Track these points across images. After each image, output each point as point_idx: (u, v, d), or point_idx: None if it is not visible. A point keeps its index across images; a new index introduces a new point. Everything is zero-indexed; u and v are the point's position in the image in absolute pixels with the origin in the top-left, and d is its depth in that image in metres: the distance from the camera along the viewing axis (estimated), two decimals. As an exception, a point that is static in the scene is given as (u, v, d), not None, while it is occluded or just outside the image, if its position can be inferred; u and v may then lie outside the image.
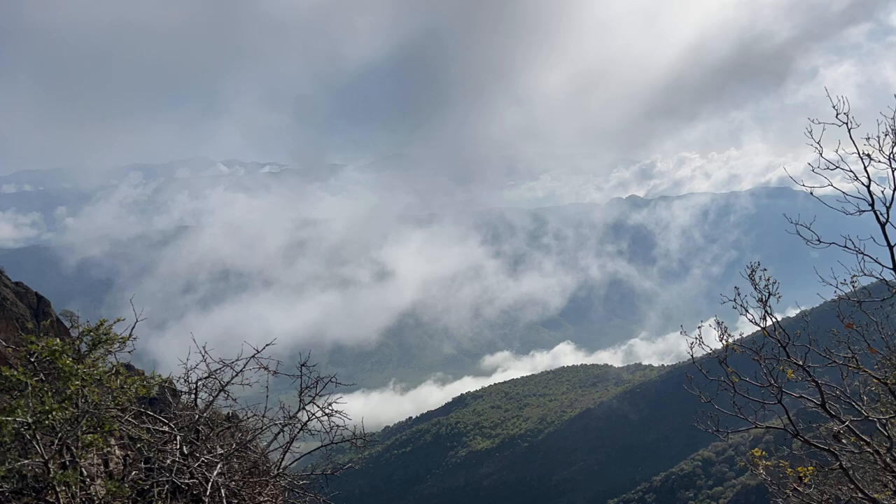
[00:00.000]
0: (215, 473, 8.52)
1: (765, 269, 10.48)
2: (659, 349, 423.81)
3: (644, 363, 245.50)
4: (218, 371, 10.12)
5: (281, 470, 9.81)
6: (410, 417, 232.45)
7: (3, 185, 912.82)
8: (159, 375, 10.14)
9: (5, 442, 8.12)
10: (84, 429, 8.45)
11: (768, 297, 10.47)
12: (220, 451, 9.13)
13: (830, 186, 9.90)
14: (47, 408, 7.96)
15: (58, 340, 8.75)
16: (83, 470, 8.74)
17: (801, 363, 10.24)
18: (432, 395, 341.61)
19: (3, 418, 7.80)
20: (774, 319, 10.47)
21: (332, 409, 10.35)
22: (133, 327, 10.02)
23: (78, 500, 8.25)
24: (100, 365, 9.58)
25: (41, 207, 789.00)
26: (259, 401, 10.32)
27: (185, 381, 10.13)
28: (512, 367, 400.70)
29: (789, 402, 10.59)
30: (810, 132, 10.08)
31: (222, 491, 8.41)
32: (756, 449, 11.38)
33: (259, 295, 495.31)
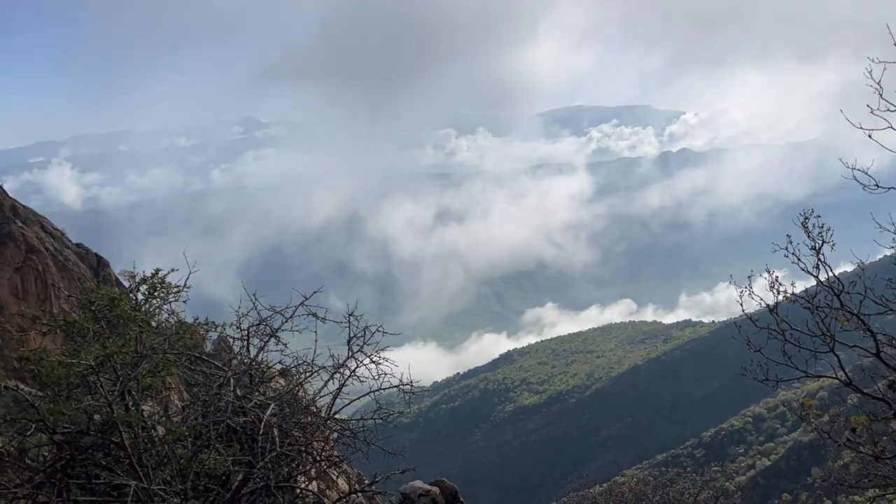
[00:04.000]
0: (268, 413, 8.87)
1: (818, 216, 10.19)
2: (710, 306, 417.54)
3: (694, 319, 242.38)
4: (269, 318, 10.49)
5: (331, 415, 10.15)
6: (458, 373, 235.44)
7: (60, 149, 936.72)
8: (213, 322, 10.54)
9: (73, 383, 8.63)
10: (143, 372, 8.87)
11: (822, 245, 10.20)
12: (271, 394, 9.50)
13: (891, 128, 9.52)
14: (108, 351, 8.37)
15: (116, 290, 9.14)
16: (144, 413, 9.18)
17: (855, 312, 10.00)
18: (479, 351, 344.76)
19: (70, 360, 8.26)
20: (828, 268, 10.21)
21: (380, 358, 10.63)
22: (187, 278, 10.42)
23: (140, 440, 8.70)
24: (156, 314, 10.02)
25: (100, 170, 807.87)
26: (309, 348, 10.62)
27: (238, 327, 10.52)
28: (559, 324, 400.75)
29: (844, 359, 10.38)
30: (870, 72, 9.68)
31: (275, 430, 8.76)
32: (807, 399, 11.23)
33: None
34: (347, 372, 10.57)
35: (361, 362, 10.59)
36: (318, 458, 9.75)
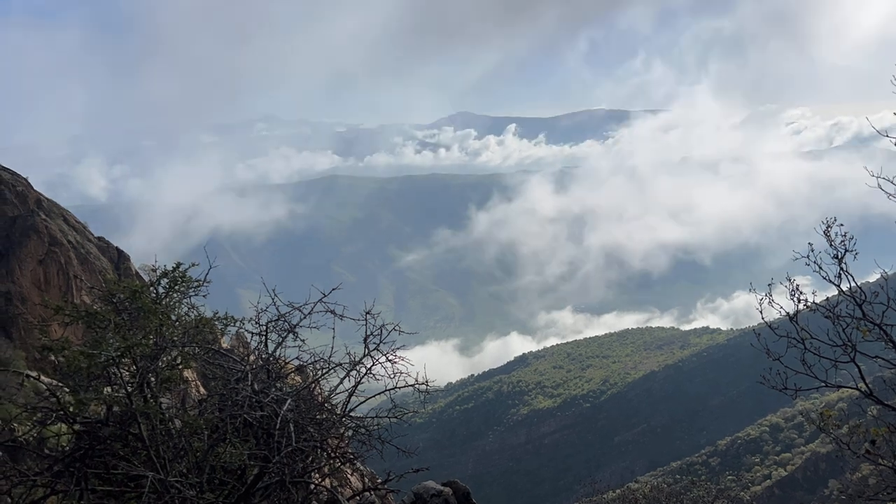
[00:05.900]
0: (285, 408, 8.92)
1: (841, 225, 10.07)
2: (728, 314, 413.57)
3: (712, 327, 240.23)
4: (287, 314, 10.54)
5: (346, 412, 10.19)
6: (473, 375, 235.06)
7: (84, 142, 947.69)
8: (232, 317, 10.62)
9: (93, 374, 8.74)
10: (163, 365, 8.97)
11: (844, 254, 10.07)
12: (288, 389, 9.55)
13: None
14: (129, 343, 8.47)
15: (137, 282, 9.25)
16: (162, 406, 9.28)
17: (877, 322, 9.86)
18: (494, 354, 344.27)
19: (92, 351, 8.37)
20: (850, 277, 10.08)
21: (396, 356, 10.65)
22: (207, 272, 10.51)
23: (158, 432, 8.79)
24: (176, 307, 10.12)
25: (124, 164, 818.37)
26: (326, 344, 10.68)
27: (256, 322, 10.58)
28: (575, 329, 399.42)
29: (865, 369, 10.24)
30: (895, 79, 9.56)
31: (291, 426, 8.81)
32: (827, 409, 11.10)
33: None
34: (363, 370, 10.61)
35: (377, 360, 10.61)
36: (332, 454, 9.79)
